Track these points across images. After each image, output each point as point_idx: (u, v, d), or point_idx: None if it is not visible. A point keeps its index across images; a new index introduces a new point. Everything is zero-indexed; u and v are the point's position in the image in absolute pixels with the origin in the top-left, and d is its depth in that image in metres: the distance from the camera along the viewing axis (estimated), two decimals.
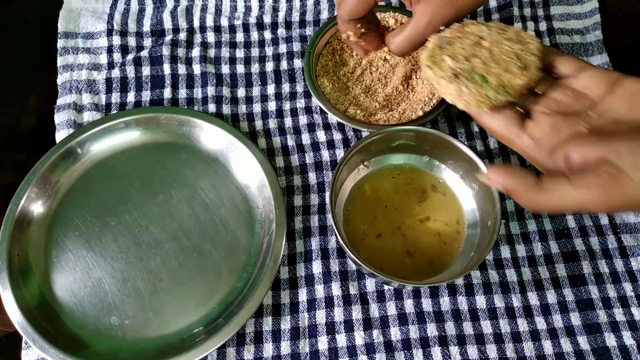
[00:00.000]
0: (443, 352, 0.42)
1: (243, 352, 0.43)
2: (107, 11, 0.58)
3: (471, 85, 0.34)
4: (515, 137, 0.35)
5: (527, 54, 0.35)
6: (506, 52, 0.36)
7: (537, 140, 0.34)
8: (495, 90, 0.34)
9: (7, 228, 0.45)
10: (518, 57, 0.35)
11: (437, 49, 0.36)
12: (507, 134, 0.35)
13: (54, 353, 0.40)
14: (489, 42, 0.36)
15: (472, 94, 0.34)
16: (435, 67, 0.36)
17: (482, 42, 0.36)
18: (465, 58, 0.35)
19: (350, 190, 0.46)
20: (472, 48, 0.36)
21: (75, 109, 0.52)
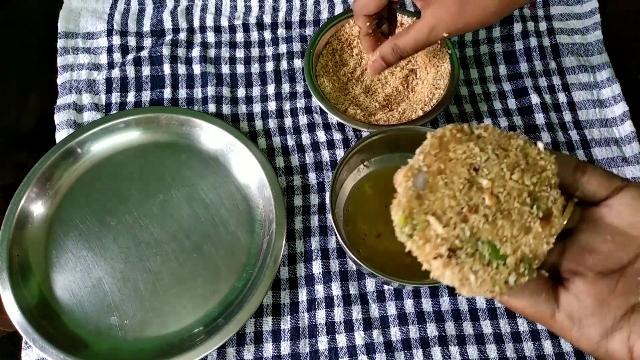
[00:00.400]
0: (443, 352, 0.42)
1: (243, 352, 0.43)
2: (107, 11, 0.58)
3: (479, 266, 0.24)
4: (548, 317, 0.25)
5: (545, 188, 0.25)
6: (517, 192, 0.25)
7: (577, 320, 0.24)
8: (515, 270, 0.24)
9: (7, 228, 0.45)
10: (535, 198, 0.25)
11: (414, 199, 0.25)
12: (535, 313, 0.25)
13: (54, 353, 0.40)
14: (489, 179, 0.25)
15: (483, 284, 0.24)
16: (419, 236, 0.25)
17: (477, 179, 0.25)
18: (460, 215, 0.24)
19: (350, 190, 0.46)
20: (466, 192, 0.25)
21: (75, 109, 0.52)
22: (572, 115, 0.52)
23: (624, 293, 0.24)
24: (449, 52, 0.51)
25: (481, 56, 0.56)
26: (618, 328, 0.23)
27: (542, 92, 0.54)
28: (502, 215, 0.24)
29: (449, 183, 0.25)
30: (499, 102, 0.53)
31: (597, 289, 0.24)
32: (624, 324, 0.23)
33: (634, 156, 0.50)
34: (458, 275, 0.24)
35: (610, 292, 0.24)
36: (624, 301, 0.23)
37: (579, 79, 0.54)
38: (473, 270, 0.23)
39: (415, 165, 0.26)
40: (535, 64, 0.55)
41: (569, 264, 0.25)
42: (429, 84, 0.51)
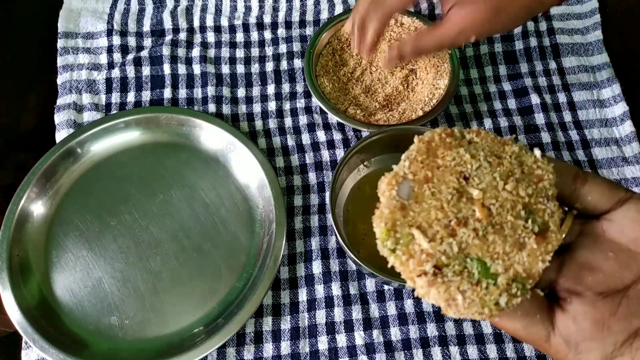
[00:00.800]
0: (443, 352, 0.42)
1: (243, 352, 0.43)
2: (107, 11, 0.58)
3: (467, 285, 0.22)
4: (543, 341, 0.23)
5: (542, 201, 0.23)
6: (511, 204, 0.23)
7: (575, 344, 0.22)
8: (507, 291, 0.22)
9: (7, 228, 0.45)
10: (530, 211, 0.23)
11: (398, 211, 0.23)
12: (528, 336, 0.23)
13: (54, 353, 0.40)
14: (480, 189, 0.23)
15: (471, 305, 0.22)
16: (402, 251, 0.23)
17: (467, 189, 0.23)
18: (447, 228, 0.22)
19: (350, 190, 0.46)
20: (454, 204, 0.23)
21: (75, 109, 0.52)
22: (572, 115, 0.52)
23: (627, 316, 0.22)
24: (449, 52, 0.51)
25: (481, 56, 0.56)
26: (619, 355, 0.21)
27: (542, 92, 0.53)
28: (493, 230, 0.22)
29: (436, 193, 0.23)
30: (499, 102, 0.53)
31: (597, 310, 0.22)
32: (625, 350, 0.21)
33: (634, 156, 0.50)
34: (444, 295, 0.21)
35: (611, 315, 0.22)
36: (626, 325, 0.21)
37: (579, 79, 0.54)
38: (460, 290, 0.21)
39: (400, 173, 0.23)
40: (535, 64, 0.55)
41: (567, 283, 0.23)
42: (429, 84, 0.51)
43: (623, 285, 0.22)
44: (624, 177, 0.49)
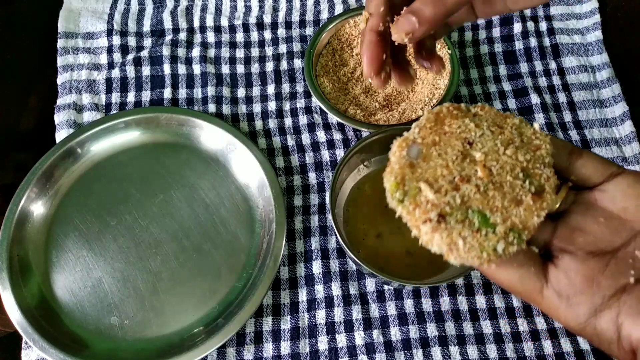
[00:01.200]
0: (443, 352, 0.42)
1: (243, 352, 0.43)
2: (107, 11, 0.58)
3: (468, 232, 0.24)
4: (536, 293, 0.24)
5: (539, 166, 0.25)
6: (510, 167, 0.25)
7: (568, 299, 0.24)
8: (504, 239, 0.24)
9: (7, 228, 0.45)
10: (527, 174, 0.25)
11: (407, 167, 0.25)
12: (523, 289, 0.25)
13: (54, 353, 0.40)
14: (483, 152, 0.25)
15: (471, 249, 0.24)
16: (409, 202, 0.25)
17: (470, 152, 0.25)
18: (452, 184, 0.25)
19: (350, 190, 0.46)
20: (459, 163, 0.25)
21: (75, 109, 0.52)
22: (572, 115, 0.52)
23: (615, 273, 0.23)
24: (449, 52, 0.51)
25: (481, 56, 0.56)
26: (607, 307, 0.23)
27: (542, 92, 0.54)
28: (493, 187, 0.25)
29: (442, 154, 0.25)
30: (499, 102, 0.53)
31: (587, 267, 0.24)
32: (613, 303, 0.23)
33: (634, 156, 0.50)
34: (446, 239, 0.24)
35: (600, 272, 0.24)
36: (614, 281, 0.23)
37: (579, 79, 0.54)
38: (462, 236, 0.23)
39: (410, 137, 0.26)
40: (535, 64, 0.55)
41: (560, 243, 0.25)
42: (429, 84, 0.51)
43: (612, 248, 0.24)
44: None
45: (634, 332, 0.21)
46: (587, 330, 0.24)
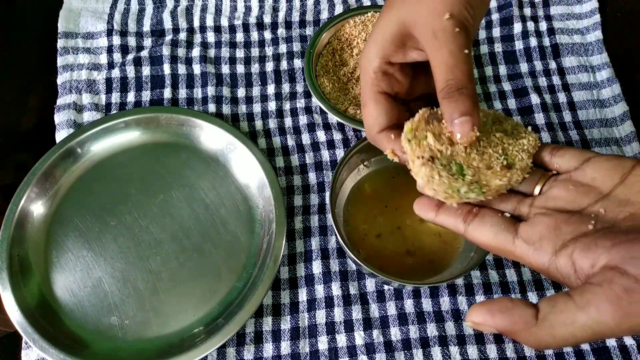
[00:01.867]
0: (443, 352, 0.42)
1: (243, 352, 0.43)
2: (107, 11, 0.58)
3: (444, 173, 0.30)
4: (509, 244, 0.29)
5: (517, 151, 0.32)
6: (494, 144, 0.33)
7: (534, 244, 0.28)
8: (468, 186, 0.30)
9: (7, 228, 0.45)
10: (505, 153, 0.32)
11: (424, 122, 0.33)
12: (497, 243, 0.29)
13: (54, 353, 0.40)
14: (479, 131, 0.31)
15: (442, 184, 0.30)
16: (415, 142, 0.32)
17: None
18: (449, 140, 0.32)
19: (350, 190, 0.46)
20: None
21: (75, 109, 0.52)
22: (572, 115, 0.52)
23: (576, 223, 0.27)
24: None
25: (481, 56, 0.56)
26: (564, 247, 0.27)
27: (542, 92, 0.54)
28: (476, 153, 0.32)
29: None
30: (499, 102, 0.53)
31: (552, 219, 0.28)
32: (570, 244, 0.27)
33: (634, 156, 0.50)
34: (428, 172, 0.31)
35: (563, 222, 0.28)
36: (575, 228, 0.27)
37: (579, 79, 0.54)
38: (439, 174, 0.30)
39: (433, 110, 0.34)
40: (535, 64, 0.55)
41: (535, 210, 0.30)
42: None
43: (579, 208, 0.29)
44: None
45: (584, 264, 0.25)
46: (550, 269, 0.27)
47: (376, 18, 0.53)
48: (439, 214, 0.33)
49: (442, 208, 0.33)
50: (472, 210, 0.32)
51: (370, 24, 0.54)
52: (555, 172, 0.31)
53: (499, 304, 0.26)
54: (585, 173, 0.29)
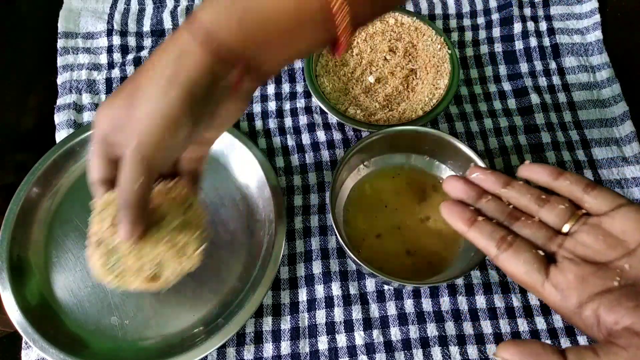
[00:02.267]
0: (443, 352, 0.42)
1: (243, 352, 0.43)
2: (107, 11, 0.58)
3: (101, 260, 0.34)
4: (538, 285, 0.30)
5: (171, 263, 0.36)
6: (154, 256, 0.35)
7: (562, 292, 0.29)
8: (113, 279, 0.34)
9: (7, 228, 0.45)
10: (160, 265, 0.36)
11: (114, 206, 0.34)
12: (527, 280, 0.31)
13: (54, 353, 0.40)
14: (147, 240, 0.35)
15: (94, 268, 0.34)
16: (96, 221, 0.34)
17: None
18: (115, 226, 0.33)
19: (350, 190, 0.46)
20: None
21: (75, 109, 0.52)
22: (572, 115, 0.52)
23: (603, 277, 0.29)
24: (449, 52, 0.51)
25: (481, 56, 0.56)
26: (591, 300, 0.28)
27: (542, 92, 0.54)
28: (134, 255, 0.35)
29: None
30: (499, 102, 0.53)
31: (580, 269, 0.29)
32: (596, 298, 0.28)
33: (634, 156, 0.50)
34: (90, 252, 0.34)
35: (591, 274, 0.29)
36: (601, 283, 0.28)
37: (579, 79, 0.54)
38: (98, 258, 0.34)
39: None
40: (535, 64, 0.55)
41: (564, 252, 0.31)
42: (429, 84, 0.51)
43: (606, 260, 0.29)
44: (623, 177, 0.49)
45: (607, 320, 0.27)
46: (574, 317, 0.29)
47: None
48: (471, 229, 0.33)
49: (475, 224, 0.33)
50: (506, 237, 0.32)
51: (370, 24, 0.54)
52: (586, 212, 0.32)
53: (530, 347, 0.27)
54: (614, 222, 0.30)
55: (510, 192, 0.34)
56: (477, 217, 0.33)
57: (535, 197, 0.33)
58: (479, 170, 0.36)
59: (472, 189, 0.35)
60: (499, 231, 0.32)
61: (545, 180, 0.33)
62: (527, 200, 0.33)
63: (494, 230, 0.32)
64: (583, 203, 0.32)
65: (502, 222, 0.33)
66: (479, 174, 0.35)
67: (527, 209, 0.34)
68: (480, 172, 0.35)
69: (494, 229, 0.32)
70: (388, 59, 0.53)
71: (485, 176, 0.35)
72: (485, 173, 0.35)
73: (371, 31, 0.54)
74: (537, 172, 0.34)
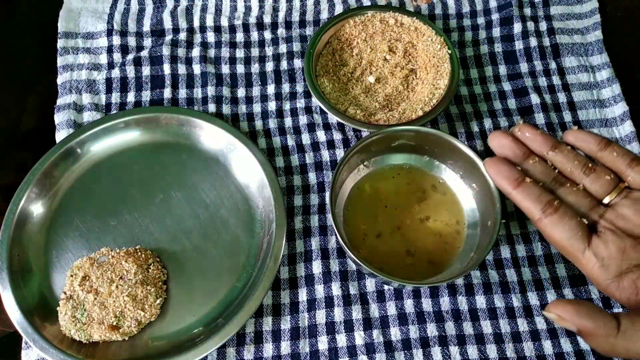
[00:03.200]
0: (443, 352, 0.42)
1: (243, 352, 0.43)
2: (107, 11, 0.58)
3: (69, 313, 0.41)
4: (579, 252, 0.31)
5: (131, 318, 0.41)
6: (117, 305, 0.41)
7: (602, 260, 0.30)
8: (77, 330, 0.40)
9: (7, 228, 0.45)
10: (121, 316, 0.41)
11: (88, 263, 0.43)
12: (570, 248, 0.31)
13: (54, 353, 0.40)
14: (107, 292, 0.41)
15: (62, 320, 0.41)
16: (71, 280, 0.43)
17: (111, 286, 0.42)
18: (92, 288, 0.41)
19: (350, 190, 0.46)
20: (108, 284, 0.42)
21: (75, 109, 0.52)
22: (572, 115, 0.52)
23: None
24: (449, 52, 0.51)
25: (481, 56, 0.56)
26: (630, 271, 0.30)
27: (542, 92, 0.54)
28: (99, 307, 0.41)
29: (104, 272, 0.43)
30: (499, 102, 0.53)
31: (621, 241, 0.30)
32: (635, 269, 0.30)
33: None
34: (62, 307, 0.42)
35: (631, 247, 0.30)
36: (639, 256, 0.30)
37: (579, 79, 0.54)
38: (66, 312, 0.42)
39: None
40: (535, 64, 0.55)
41: (605, 223, 0.32)
42: (429, 84, 0.51)
43: None
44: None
45: None
46: (610, 286, 0.30)
47: (376, 18, 0.54)
48: (517, 190, 0.33)
49: (522, 185, 0.33)
50: (552, 202, 0.32)
51: (370, 24, 0.54)
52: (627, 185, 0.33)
53: (587, 307, 0.29)
54: None
55: (557, 156, 0.34)
56: (524, 177, 0.33)
57: (582, 164, 0.33)
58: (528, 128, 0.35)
59: (519, 148, 0.34)
60: (545, 195, 0.32)
61: (591, 148, 0.34)
62: (574, 167, 0.33)
63: (542, 193, 0.32)
64: (626, 176, 0.32)
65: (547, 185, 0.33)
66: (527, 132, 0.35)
67: (572, 175, 0.34)
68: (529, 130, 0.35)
69: (541, 192, 0.32)
70: (388, 59, 0.53)
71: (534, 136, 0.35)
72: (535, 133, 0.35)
73: (371, 31, 0.54)
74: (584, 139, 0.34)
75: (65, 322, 0.41)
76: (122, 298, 0.41)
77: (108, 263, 0.43)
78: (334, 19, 0.54)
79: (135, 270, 0.42)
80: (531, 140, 0.35)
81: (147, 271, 0.44)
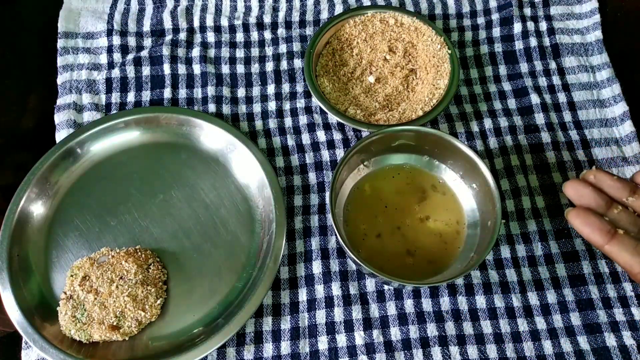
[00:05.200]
0: (443, 352, 0.42)
1: (243, 352, 0.43)
2: (107, 11, 0.58)
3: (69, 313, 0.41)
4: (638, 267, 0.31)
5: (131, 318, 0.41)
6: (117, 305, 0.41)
7: None
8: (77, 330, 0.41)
9: (7, 228, 0.45)
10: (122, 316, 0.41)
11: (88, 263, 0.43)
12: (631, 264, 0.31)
13: (54, 353, 0.40)
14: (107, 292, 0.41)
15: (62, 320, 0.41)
16: (71, 280, 0.43)
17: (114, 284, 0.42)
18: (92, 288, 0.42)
19: (350, 190, 0.46)
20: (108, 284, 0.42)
21: (75, 109, 0.52)
22: (572, 115, 0.52)
23: None
24: (449, 52, 0.51)
25: (481, 56, 0.56)
26: None
27: (542, 92, 0.54)
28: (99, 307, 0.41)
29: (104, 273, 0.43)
30: (499, 102, 0.53)
31: None
32: None
33: (634, 156, 0.50)
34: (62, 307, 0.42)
35: None
36: None
37: (579, 79, 0.54)
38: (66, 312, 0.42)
39: None
40: (535, 64, 0.55)
41: None
42: (429, 84, 0.51)
43: None
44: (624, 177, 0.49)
45: None
46: None
47: (376, 18, 0.54)
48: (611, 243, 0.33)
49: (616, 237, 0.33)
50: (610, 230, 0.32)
51: (370, 24, 0.54)
52: None
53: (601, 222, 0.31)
54: None
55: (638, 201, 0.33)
56: (615, 229, 0.32)
57: None
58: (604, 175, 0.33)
59: (601, 197, 0.33)
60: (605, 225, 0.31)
61: None
62: None
63: (637, 245, 0.31)
64: None
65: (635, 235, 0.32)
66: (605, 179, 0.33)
67: None
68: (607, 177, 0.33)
69: (637, 244, 0.31)
70: (388, 59, 0.53)
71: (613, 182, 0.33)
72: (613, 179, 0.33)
73: (371, 31, 0.54)
74: None
75: (66, 322, 0.41)
76: (123, 298, 0.41)
77: (108, 263, 0.43)
78: (334, 19, 0.54)
79: (136, 270, 0.42)
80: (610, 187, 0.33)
81: (147, 271, 0.44)
